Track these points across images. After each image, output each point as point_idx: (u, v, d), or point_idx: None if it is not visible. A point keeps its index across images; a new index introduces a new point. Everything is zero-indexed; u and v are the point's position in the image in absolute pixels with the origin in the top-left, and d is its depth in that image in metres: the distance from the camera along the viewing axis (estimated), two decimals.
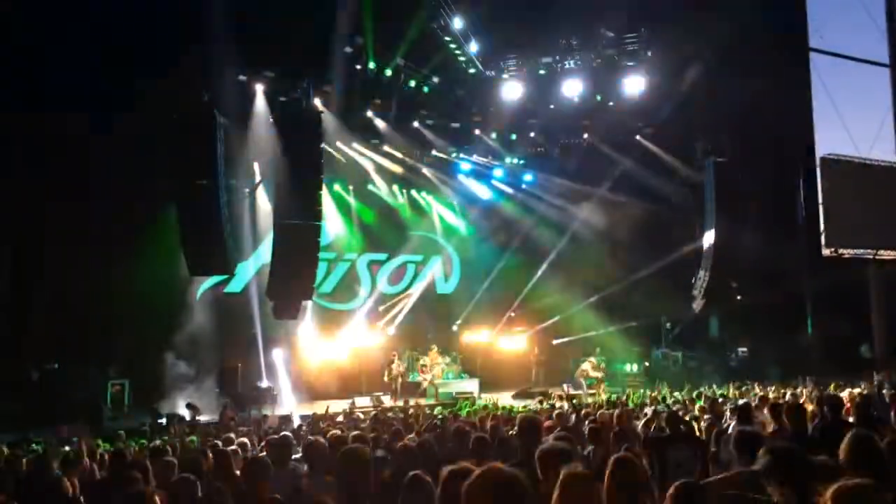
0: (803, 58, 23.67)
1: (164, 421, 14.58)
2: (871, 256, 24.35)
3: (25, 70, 15.53)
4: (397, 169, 22.32)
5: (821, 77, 23.32)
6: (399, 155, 21.75)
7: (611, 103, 20.89)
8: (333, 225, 21.66)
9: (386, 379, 19.59)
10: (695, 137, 20.46)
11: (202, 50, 14.23)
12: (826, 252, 24.02)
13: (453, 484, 2.80)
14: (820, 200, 23.86)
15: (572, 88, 20.18)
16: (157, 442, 8.96)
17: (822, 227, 23.86)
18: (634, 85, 20.08)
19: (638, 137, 21.86)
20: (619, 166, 21.74)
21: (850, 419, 6.77)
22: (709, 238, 19.50)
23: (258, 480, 4.87)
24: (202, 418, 15.37)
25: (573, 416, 9.57)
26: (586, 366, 20.17)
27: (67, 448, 8.94)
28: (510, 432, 7.17)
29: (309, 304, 17.49)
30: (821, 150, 24.05)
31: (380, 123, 20.18)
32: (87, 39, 15.27)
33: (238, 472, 5.83)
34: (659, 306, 22.23)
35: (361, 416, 13.62)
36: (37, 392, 15.97)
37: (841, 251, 24.21)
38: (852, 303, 23.17)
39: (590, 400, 16.33)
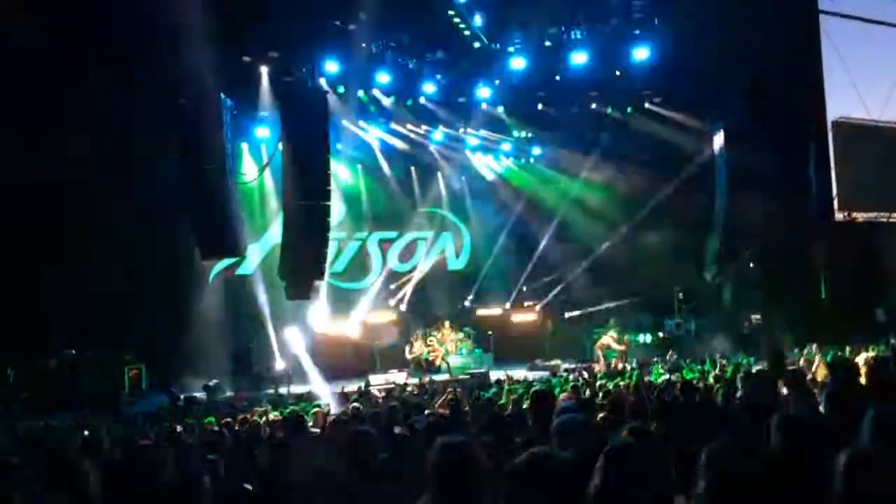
0: (813, 20, 23.32)
1: (181, 403, 14.72)
2: (885, 219, 24.17)
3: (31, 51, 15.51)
4: (404, 146, 22.23)
5: (831, 39, 23.00)
6: (405, 131, 21.65)
7: (618, 73, 20.64)
8: (343, 204, 21.65)
9: (408, 356, 19.67)
10: (704, 104, 20.27)
11: (205, 32, 14.13)
12: (839, 216, 23.85)
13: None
14: (832, 164, 23.63)
15: (578, 59, 19.94)
16: (178, 427, 9.02)
17: (834, 191, 23.66)
18: (641, 54, 19.84)
19: (647, 105, 21.68)
20: (631, 134, 21.60)
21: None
22: (720, 205, 19.38)
23: (280, 460, 4.92)
24: (219, 399, 15.52)
25: (587, 390, 9.59)
26: (607, 339, 20.07)
27: (87, 433, 9.03)
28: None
29: (321, 283, 17.54)
30: (832, 113, 23.80)
31: (385, 101, 20.08)
32: (90, 27, 15.25)
33: (258, 452, 5.90)
34: (670, 275, 22.16)
35: (377, 393, 13.70)
36: (55, 379, 16.14)
37: (854, 215, 24.03)
38: (866, 266, 22.99)
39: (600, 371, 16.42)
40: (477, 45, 19.33)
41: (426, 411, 7.82)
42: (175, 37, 13.94)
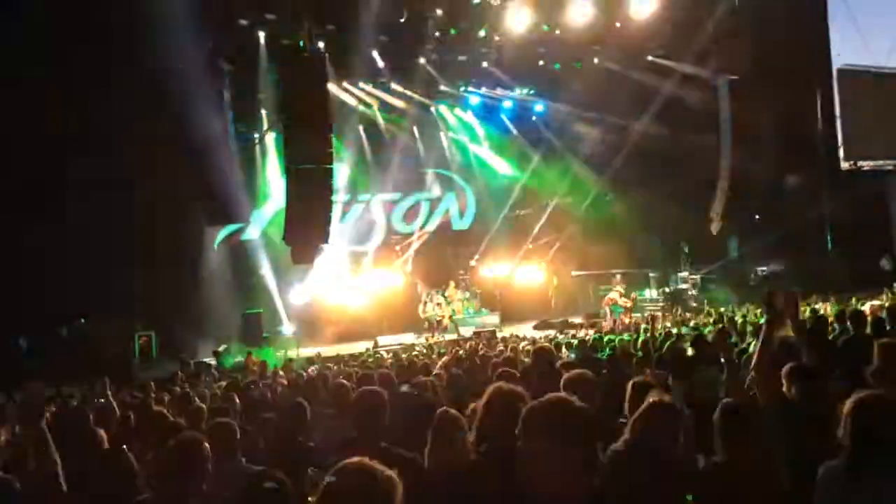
0: None
1: (192, 369, 14.85)
2: (890, 167, 23.99)
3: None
4: (405, 106, 22.06)
5: None
6: (407, 93, 21.47)
7: (618, 24, 20.37)
8: (346, 166, 21.58)
9: (422, 315, 19.73)
10: (707, 55, 20.00)
11: None
12: (845, 165, 23.67)
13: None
14: (837, 113, 23.38)
15: (579, 12, 19.64)
16: (190, 391, 9.10)
17: (839, 139, 23.45)
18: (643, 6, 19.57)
19: (650, 58, 21.42)
20: (634, 87, 21.36)
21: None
22: (725, 157, 19.25)
23: (293, 425, 4.97)
24: (229, 364, 15.65)
25: (594, 345, 9.63)
26: (614, 294, 20.04)
27: (101, 400, 9.13)
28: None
29: (326, 247, 17.56)
30: (837, 61, 23.47)
31: (381, 63, 19.88)
32: None
33: (267, 416, 5.97)
34: (677, 230, 22.11)
35: (385, 354, 13.81)
36: (67, 347, 16.30)
37: (860, 164, 23.85)
38: (873, 216, 22.88)
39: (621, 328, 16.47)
40: (477, 1, 19.04)
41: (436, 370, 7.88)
42: (171, 3, 13.82)
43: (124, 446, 4.68)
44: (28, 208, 16.87)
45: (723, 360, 6.79)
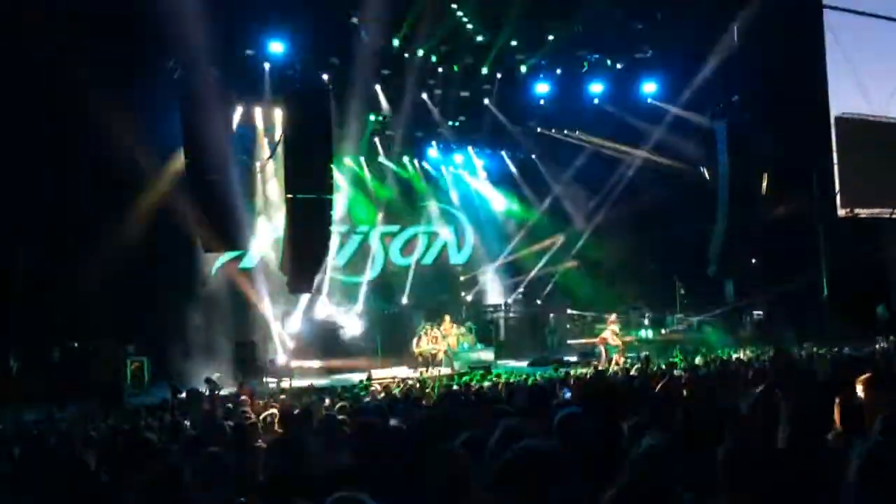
0: (817, 15, 23.22)
1: (183, 396, 14.72)
2: (887, 216, 24.12)
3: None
4: (406, 140, 22.23)
5: (835, 35, 22.90)
6: (408, 128, 21.60)
7: (619, 66, 20.73)
8: (345, 198, 21.64)
9: (415, 349, 19.67)
10: (706, 99, 20.23)
11: (208, 25, 14.11)
12: (841, 213, 23.81)
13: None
14: (835, 161, 23.57)
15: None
16: (184, 420, 9.05)
17: (837, 187, 23.61)
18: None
19: (650, 100, 21.65)
20: (632, 129, 21.59)
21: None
22: (722, 201, 19.37)
23: (285, 454, 4.92)
24: (221, 393, 15.53)
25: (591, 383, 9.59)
26: (607, 334, 20.00)
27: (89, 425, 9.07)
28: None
29: (322, 277, 17.55)
30: (835, 109, 23.72)
31: (383, 97, 20.08)
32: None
33: (258, 445, 5.92)
34: (673, 271, 22.15)
35: (378, 387, 13.73)
36: (59, 371, 16.18)
37: (856, 211, 23.99)
38: (869, 264, 22.94)
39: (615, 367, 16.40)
40: (480, 38, 19.27)
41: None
42: (178, 28, 13.95)
43: (102, 473, 4.64)
44: (23, 231, 16.88)
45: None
